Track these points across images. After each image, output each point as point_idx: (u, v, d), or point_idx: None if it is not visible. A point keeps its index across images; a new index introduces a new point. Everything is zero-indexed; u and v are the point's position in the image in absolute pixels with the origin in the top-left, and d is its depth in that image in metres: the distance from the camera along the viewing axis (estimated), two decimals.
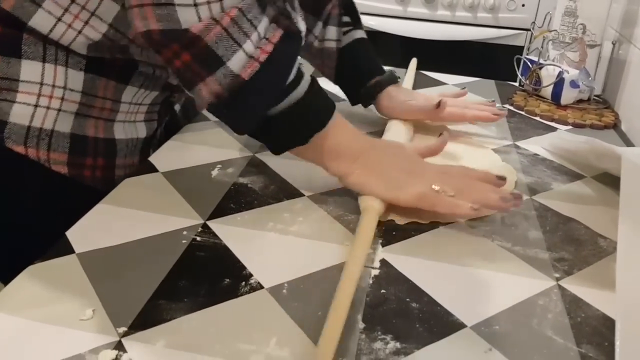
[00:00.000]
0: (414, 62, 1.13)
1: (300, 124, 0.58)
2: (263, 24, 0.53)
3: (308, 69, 0.79)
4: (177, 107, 0.81)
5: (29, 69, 0.59)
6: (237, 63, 0.52)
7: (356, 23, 0.84)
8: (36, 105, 0.60)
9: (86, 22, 0.59)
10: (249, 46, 0.52)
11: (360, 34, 0.84)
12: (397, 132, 0.77)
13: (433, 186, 0.57)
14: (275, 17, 0.54)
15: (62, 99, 0.61)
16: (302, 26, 0.58)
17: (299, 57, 0.58)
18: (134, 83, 0.66)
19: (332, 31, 0.83)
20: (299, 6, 0.61)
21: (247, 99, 0.53)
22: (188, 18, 0.50)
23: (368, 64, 0.84)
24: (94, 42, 0.61)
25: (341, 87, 0.87)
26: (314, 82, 0.58)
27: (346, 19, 0.84)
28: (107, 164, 0.66)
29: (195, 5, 0.49)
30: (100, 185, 0.64)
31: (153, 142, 0.73)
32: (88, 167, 0.64)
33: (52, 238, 0.51)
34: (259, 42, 0.53)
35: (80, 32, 0.60)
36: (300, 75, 0.57)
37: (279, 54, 0.54)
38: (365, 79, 0.82)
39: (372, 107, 0.84)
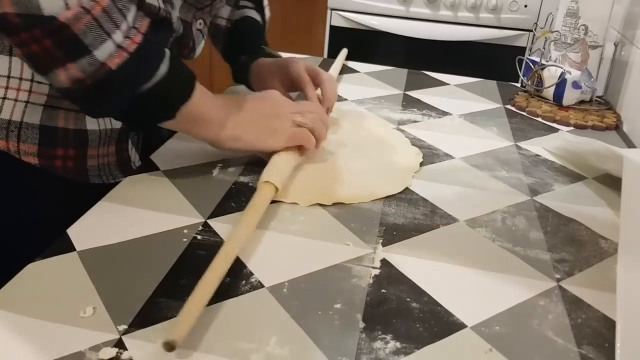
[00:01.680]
0: (344, 51, 1.14)
1: (166, 100, 0.58)
2: (132, 12, 0.53)
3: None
4: None
5: None
6: (104, 52, 0.51)
7: (257, 6, 0.88)
8: (4, 98, 0.60)
9: None
10: (118, 36, 0.52)
11: (250, 12, 0.87)
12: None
13: (296, 119, 0.65)
14: (142, 4, 0.55)
15: (30, 91, 0.61)
16: (173, 14, 0.59)
17: None
18: None
19: (225, 9, 0.86)
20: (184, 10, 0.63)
21: (112, 86, 0.54)
22: (53, 5, 0.48)
23: (247, 41, 0.87)
24: None
25: (228, 64, 0.90)
26: (173, 57, 0.58)
27: (245, 2, 0.87)
28: (78, 154, 0.66)
29: None
30: (72, 176, 0.64)
31: (129, 132, 0.73)
32: (59, 158, 0.64)
33: (27, 230, 0.51)
34: (128, 32, 0.53)
35: None
36: (163, 54, 0.57)
37: (148, 43, 0.54)
38: (240, 55, 0.86)
39: None
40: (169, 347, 0.38)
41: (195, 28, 0.74)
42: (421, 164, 0.71)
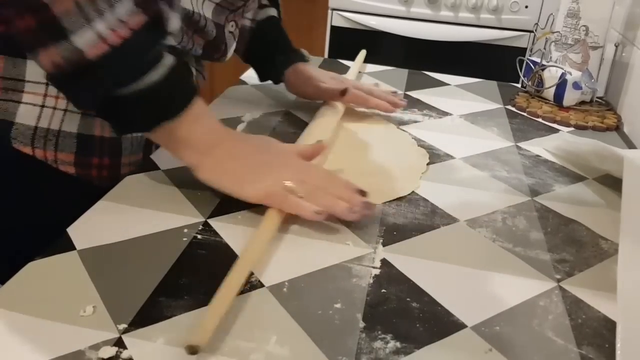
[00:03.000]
0: (362, 53, 1.15)
1: (148, 111, 0.54)
2: (125, 6, 0.50)
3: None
4: None
5: (35, 69, 0.59)
6: (83, 40, 0.49)
7: (274, 3, 0.87)
8: (42, 106, 0.59)
9: None
10: (100, 26, 0.49)
11: (273, 12, 0.86)
12: (321, 123, 0.79)
13: (286, 183, 0.56)
14: (143, 2, 0.52)
15: None
16: (174, 23, 0.58)
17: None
18: None
19: (250, 10, 0.85)
20: (179, 6, 0.61)
21: (91, 77, 0.51)
22: None
23: (278, 40, 0.87)
24: None
25: (251, 64, 0.90)
26: (176, 69, 0.54)
27: (265, 1, 0.87)
28: (113, 162, 0.66)
29: None
30: (107, 184, 0.64)
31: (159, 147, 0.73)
32: (95, 167, 0.64)
33: (57, 238, 0.51)
34: (114, 24, 0.50)
35: None
36: (157, 59, 0.53)
37: (135, 41, 0.51)
38: (275, 54, 0.86)
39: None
40: (192, 350, 0.38)
41: (227, 30, 0.74)
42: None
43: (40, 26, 0.48)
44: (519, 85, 1.10)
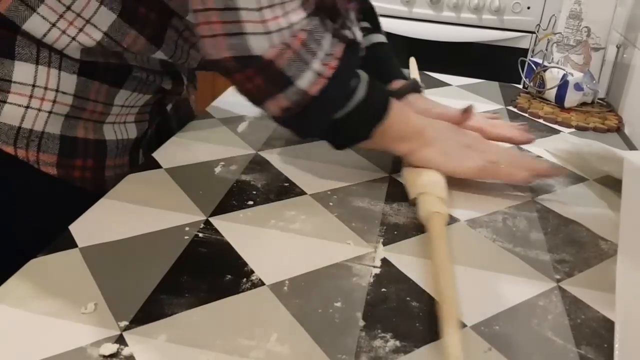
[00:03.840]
0: (413, 61, 1.09)
1: (364, 122, 0.62)
2: (327, 40, 0.57)
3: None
4: (169, 106, 0.80)
5: (22, 71, 0.59)
6: (305, 81, 0.55)
7: (376, 28, 0.83)
8: (27, 107, 0.60)
9: (80, 29, 0.59)
10: (316, 64, 0.56)
11: (379, 37, 0.82)
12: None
13: (491, 158, 0.64)
14: (335, 31, 0.58)
15: (54, 101, 0.61)
16: (358, 35, 0.61)
17: None
18: (127, 87, 0.66)
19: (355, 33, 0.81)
20: (354, 18, 0.64)
21: (315, 110, 0.58)
22: (260, 45, 0.53)
23: (388, 68, 0.83)
24: (87, 48, 0.61)
25: None
26: (370, 79, 0.62)
27: (365, 24, 0.82)
28: (97, 165, 0.66)
29: (268, 33, 0.53)
30: (90, 186, 0.64)
31: (143, 142, 0.73)
32: (78, 169, 0.64)
33: (39, 239, 0.51)
34: (325, 59, 0.56)
35: (74, 38, 0.60)
36: (358, 77, 0.61)
37: (343, 67, 0.57)
38: (385, 83, 0.78)
39: None
40: None
41: None
42: None
43: (268, 81, 0.56)
44: (520, 86, 1.10)
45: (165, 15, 0.64)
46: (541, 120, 0.94)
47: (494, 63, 1.85)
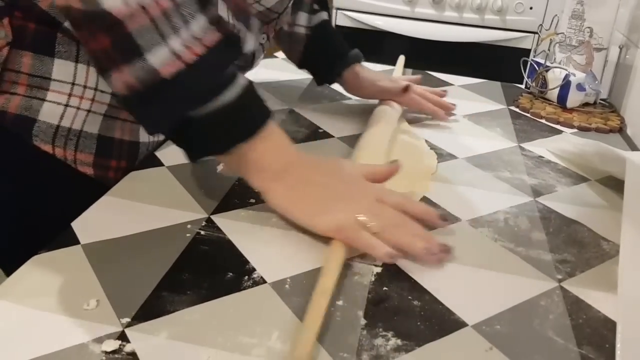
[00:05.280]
0: (401, 58, 1.15)
1: (222, 132, 0.52)
2: (199, 23, 0.49)
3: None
4: None
5: (62, 69, 0.59)
6: (157, 58, 0.47)
7: (323, 7, 0.88)
8: (67, 105, 0.59)
9: None
10: (175, 43, 0.47)
11: (325, 15, 0.87)
12: (378, 130, 0.77)
13: (359, 217, 0.52)
14: (216, 20, 0.50)
15: (93, 100, 0.61)
16: (250, 45, 0.58)
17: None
18: None
19: (302, 17, 0.85)
20: (257, 28, 0.62)
21: (165, 97, 0.49)
22: (112, 0, 0.46)
23: (335, 43, 0.87)
24: None
25: (307, 68, 0.89)
26: (249, 89, 0.52)
27: (316, 6, 0.87)
28: (129, 166, 0.66)
29: None
30: None
31: (163, 144, 0.73)
32: (112, 169, 0.64)
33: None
34: (189, 41, 0.48)
35: None
36: (231, 79, 0.51)
37: (210, 58, 0.49)
38: (332, 57, 0.86)
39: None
40: None
41: (258, 42, 0.74)
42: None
43: (114, 45, 0.47)
44: (522, 86, 1.10)
45: None
46: (543, 121, 0.94)
47: (496, 63, 1.85)
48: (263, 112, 0.54)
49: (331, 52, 0.87)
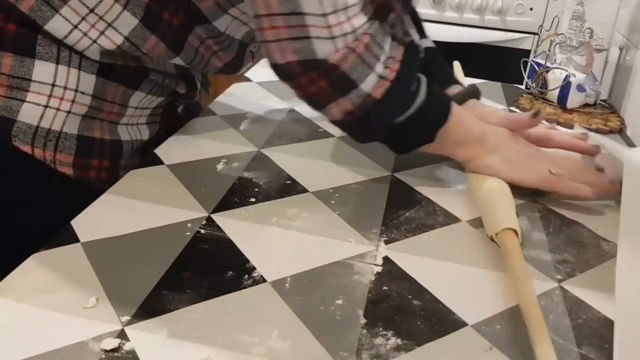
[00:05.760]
0: (457, 65, 1.04)
1: (425, 125, 0.62)
2: (388, 44, 0.58)
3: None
4: (179, 108, 0.80)
5: (42, 70, 0.59)
6: (369, 84, 0.56)
7: (422, 33, 0.78)
8: (46, 106, 0.59)
9: (102, 32, 0.60)
10: (379, 68, 0.57)
11: (428, 42, 0.78)
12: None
13: (551, 170, 0.62)
14: (394, 34, 0.59)
15: (73, 101, 0.61)
16: (416, 38, 0.62)
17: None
18: (142, 89, 0.66)
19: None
20: (410, 21, 0.65)
21: (378, 114, 0.58)
22: (325, 49, 0.54)
23: (441, 73, 0.78)
24: (107, 50, 0.61)
25: None
26: (429, 82, 0.61)
27: (410, 28, 0.76)
28: (112, 165, 0.66)
29: (333, 38, 0.54)
30: (105, 187, 0.64)
31: (154, 143, 0.73)
32: (94, 169, 0.64)
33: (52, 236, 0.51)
34: (387, 62, 0.57)
35: (95, 41, 0.60)
36: (419, 80, 0.60)
37: (404, 69, 0.58)
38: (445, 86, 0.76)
39: None
40: None
41: (248, 50, 0.74)
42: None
43: (332, 84, 0.56)
44: (523, 87, 1.10)
45: (188, 22, 0.64)
46: (543, 121, 0.93)
47: (497, 64, 1.85)
48: (447, 99, 0.63)
49: (440, 84, 0.72)
